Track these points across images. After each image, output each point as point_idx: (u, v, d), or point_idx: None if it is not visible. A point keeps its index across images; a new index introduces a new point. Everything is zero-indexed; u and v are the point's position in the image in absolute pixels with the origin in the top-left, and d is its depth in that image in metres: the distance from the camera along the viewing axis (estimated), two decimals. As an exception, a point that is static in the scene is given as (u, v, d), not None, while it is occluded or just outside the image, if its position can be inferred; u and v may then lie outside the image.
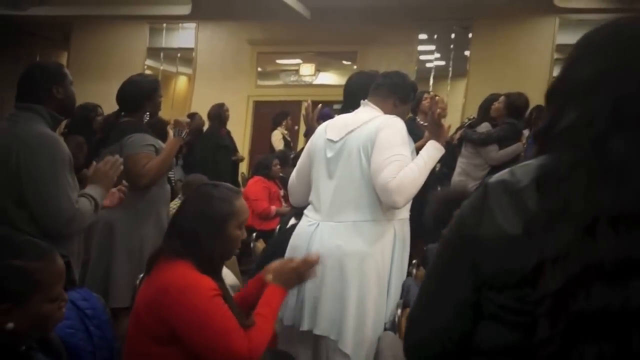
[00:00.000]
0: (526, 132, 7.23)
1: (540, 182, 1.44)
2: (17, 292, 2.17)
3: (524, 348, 1.38)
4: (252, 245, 6.21)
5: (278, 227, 6.05)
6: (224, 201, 3.10)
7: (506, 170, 1.53)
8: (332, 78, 13.96)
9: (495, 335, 1.48)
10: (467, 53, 12.46)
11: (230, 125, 10.08)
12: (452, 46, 13.03)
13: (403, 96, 3.80)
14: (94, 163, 3.94)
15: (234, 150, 9.76)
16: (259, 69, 13.38)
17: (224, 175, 8.69)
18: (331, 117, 4.22)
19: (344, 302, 3.48)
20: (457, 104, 11.73)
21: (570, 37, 11.41)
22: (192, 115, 10.83)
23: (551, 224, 1.38)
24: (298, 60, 13.43)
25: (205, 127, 9.71)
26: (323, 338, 3.52)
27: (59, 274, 2.32)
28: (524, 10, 11.12)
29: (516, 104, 6.81)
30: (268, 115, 11.61)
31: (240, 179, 10.02)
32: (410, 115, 7.25)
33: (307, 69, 13.33)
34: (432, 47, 13.50)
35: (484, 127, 6.93)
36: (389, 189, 3.35)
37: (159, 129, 5.41)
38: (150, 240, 4.34)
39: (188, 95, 13.39)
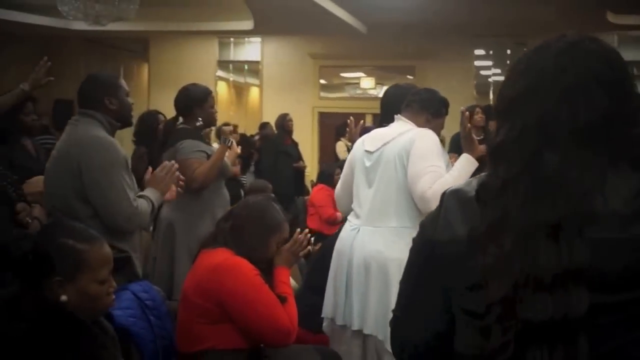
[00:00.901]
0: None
1: (479, 193, 1.45)
2: (67, 268, 2.28)
3: (486, 352, 1.38)
4: (310, 249, 6.26)
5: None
6: (275, 218, 3.25)
7: (467, 180, 1.57)
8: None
9: (463, 336, 1.49)
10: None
11: (297, 135, 10.14)
12: (508, 62, 12.92)
13: (434, 111, 3.77)
14: (150, 169, 4.00)
15: (298, 158, 9.78)
16: (323, 82, 13.40)
17: (286, 182, 8.80)
18: None
19: (389, 304, 3.42)
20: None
21: (630, 54, 11.25)
22: (264, 125, 11.00)
23: (491, 234, 1.38)
24: (360, 74, 13.43)
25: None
26: (372, 337, 3.54)
27: (105, 258, 2.41)
28: (577, 27, 10.98)
29: None
30: (333, 125, 11.65)
31: (310, 185, 10.05)
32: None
33: (367, 82, 13.35)
34: (489, 63, 13.40)
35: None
36: (426, 198, 3.35)
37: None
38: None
39: (259, 105, 13.51)
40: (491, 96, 13.01)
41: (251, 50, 13.87)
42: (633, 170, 1.35)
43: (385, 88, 13.39)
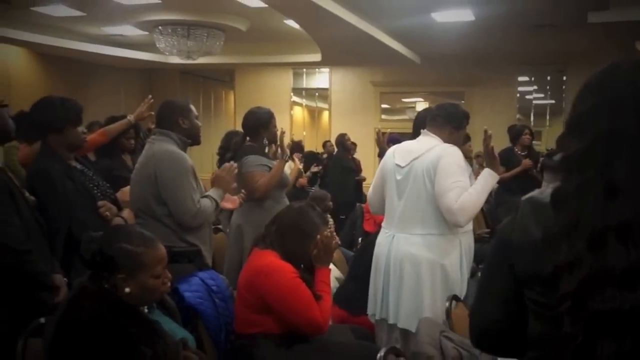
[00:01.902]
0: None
1: (554, 199, 1.42)
2: (128, 267, 2.33)
3: (556, 340, 1.35)
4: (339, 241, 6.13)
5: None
6: (312, 223, 3.23)
7: (539, 189, 1.53)
8: None
9: (536, 328, 1.46)
10: (563, 94, 12.17)
11: (361, 151, 10.19)
12: (547, 87, 12.81)
13: (457, 124, 3.67)
14: (215, 170, 4.08)
15: (358, 171, 9.78)
16: (384, 106, 13.34)
17: (348, 191, 8.82)
18: (399, 140, 4.19)
19: (420, 303, 3.48)
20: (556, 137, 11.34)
21: None
22: (326, 143, 11.13)
23: (565, 235, 1.35)
24: (418, 99, 13.36)
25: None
26: (405, 330, 3.53)
27: (159, 257, 2.44)
28: (610, 56, 10.76)
29: None
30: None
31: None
32: (510, 145, 7.31)
33: (422, 106, 13.05)
34: (531, 88, 13.18)
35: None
36: (453, 211, 3.32)
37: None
38: None
39: (328, 126, 13.52)
40: (532, 117, 12.81)
41: (321, 78, 13.91)
42: None
43: None
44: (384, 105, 13.37)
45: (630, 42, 9.81)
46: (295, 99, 14.15)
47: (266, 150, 4.84)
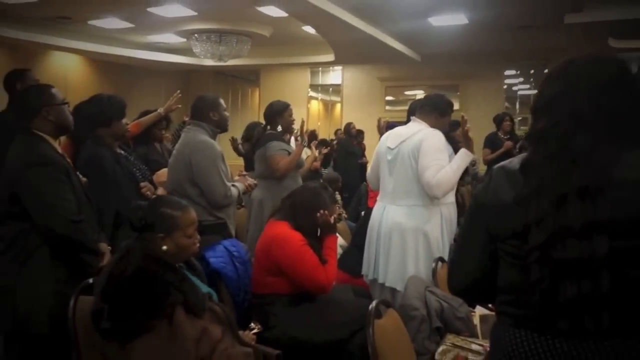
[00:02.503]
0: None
1: (523, 167, 1.45)
2: (165, 227, 2.40)
3: (526, 285, 1.38)
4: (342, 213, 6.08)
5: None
6: (322, 201, 3.24)
7: (508, 160, 1.56)
8: None
9: (506, 276, 1.48)
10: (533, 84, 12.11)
11: (368, 138, 10.04)
12: (531, 79, 12.70)
13: (442, 111, 3.67)
14: (242, 173, 4.23)
15: (362, 155, 9.79)
16: (388, 98, 13.25)
17: (353, 173, 8.83)
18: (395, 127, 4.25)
19: (405, 265, 3.50)
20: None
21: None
22: (337, 131, 11.13)
23: (533, 197, 1.39)
24: (419, 91, 13.29)
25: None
26: (392, 288, 3.55)
27: (191, 220, 2.50)
28: (585, 51, 10.63)
29: None
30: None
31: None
32: (495, 130, 7.36)
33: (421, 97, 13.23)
34: (516, 81, 13.08)
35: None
36: (431, 186, 3.36)
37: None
38: None
39: (340, 117, 13.44)
40: (517, 106, 12.73)
41: (334, 76, 13.84)
42: (636, 151, 1.37)
43: None
44: (388, 98, 13.26)
45: (604, 39, 9.73)
46: (312, 93, 14.10)
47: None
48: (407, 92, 13.66)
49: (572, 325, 1.33)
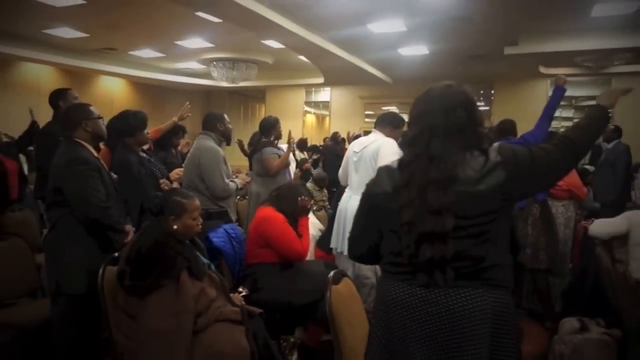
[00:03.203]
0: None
1: (399, 165, 1.57)
2: (176, 212, 2.44)
3: (400, 250, 1.50)
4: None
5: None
6: (300, 195, 3.28)
7: (392, 160, 1.64)
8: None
9: (387, 244, 1.58)
10: (491, 103, 12.03)
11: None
12: (481, 98, 12.59)
13: (395, 125, 3.72)
14: (243, 174, 4.17)
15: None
16: (368, 112, 13.10)
17: (336, 172, 8.67)
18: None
19: None
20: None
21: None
22: (325, 139, 11.01)
23: (405, 187, 1.50)
24: (392, 107, 13.30)
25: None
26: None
27: (196, 206, 2.52)
28: (521, 76, 10.62)
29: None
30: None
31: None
32: None
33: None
34: None
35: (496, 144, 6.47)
36: None
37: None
38: None
39: (329, 127, 13.31)
40: None
41: (324, 94, 13.73)
42: (481, 154, 1.48)
43: (404, 115, 13.22)
44: (367, 112, 13.16)
45: (535, 67, 9.77)
46: (307, 109, 14.01)
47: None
48: (383, 108, 13.43)
49: (428, 278, 1.44)
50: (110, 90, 11.45)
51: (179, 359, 2.11)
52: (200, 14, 6.47)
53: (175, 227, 2.42)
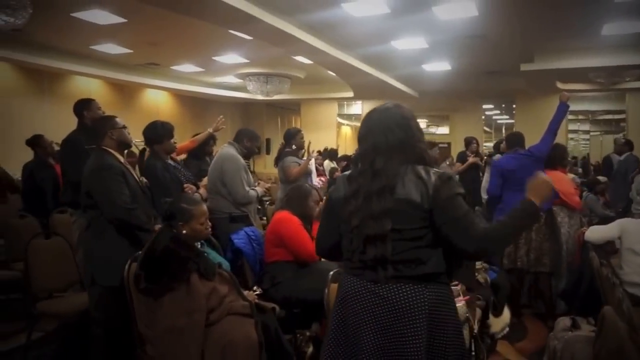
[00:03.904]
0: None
1: (348, 178, 1.66)
2: (184, 217, 2.48)
3: (351, 248, 1.60)
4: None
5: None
6: (309, 194, 3.32)
7: (349, 171, 1.71)
8: (436, 129, 13.79)
9: (344, 243, 1.65)
10: (512, 115, 11.91)
11: None
12: (503, 111, 12.60)
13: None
14: (263, 182, 4.15)
15: None
16: None
17: None
18: None
19: None
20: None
21: (577, 106, 10.94)
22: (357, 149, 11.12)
23: (353, 196, 1.60)
24: (421, 120, 13.32)
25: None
26: None
27: (203, 212, 2.55)
28: (539, 91, 10.44)
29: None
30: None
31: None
32: (464, 149, 7.16)
33: (422, 124, 13.21)
34: (492, 113, 13.02)
35: (497, 156, 6.30)
36: None
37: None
38: None
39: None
40: (493, 132, 12.70)
41: (356, 107, 13.77)
42: (423, 169, 1.53)
43: (430, 127, 13.16)
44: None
45: (552, 82, 9.64)
46: (341, 121, 14.08)
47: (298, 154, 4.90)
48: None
49: (373, 274, 1.53)
50: (156, 102, 11.75)
51: (192, 351, 2.21)
52: (233, 31, 6.66)
53: (184, 232, 2.47)
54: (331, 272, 2.38)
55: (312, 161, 5.19)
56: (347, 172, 1.72)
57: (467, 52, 7.97)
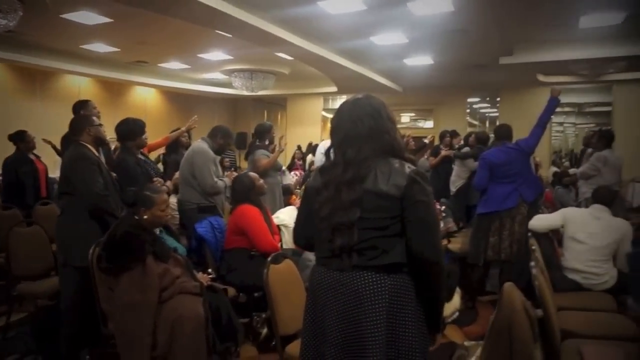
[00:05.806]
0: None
1: (321, 169, 1.68)
2: (147, 204, 2.67)
3: (322, 238, 1.61)
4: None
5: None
6: (257, 187, 3.45)
7: (325, 163, 1.70)
8: (424, 123, 13.74)
9: (316, 234, 1.66)
10: (497, 108, 12.00)
11: None
12: (488, 103, 12.66)
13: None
14: (232, 173, 4.29)
15: None
16: None
17: None
18: None
19: None
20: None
21: (564, 99, 10.78)
22: None
23: (325, 187, 1.61)
24: (403, 114, 13.22)
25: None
26: None
27: (164, 200, 2.75)
28: (522, 84, 10.59)
29: (482, 137, 6.39)
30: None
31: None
32: (439, 143, 7.30)
33: (406, 118, 13.19)
34: (478, 106, 13.09)
35: (466, 149, 6.65)
36: None
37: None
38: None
39: None
40: (477, 123, 12.70)
41: (340, 102, 13.61)
42: (397, 161, 1.56)
43: (418, 122, 13.16)
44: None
45: (533, 75, 9.72)
46: (325, 115, 14.05)
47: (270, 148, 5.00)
48: (401, 114, 13.74)
49: (339, 262, 1.56)
50: (144, 99, 11.87)
51: (146, 323, 2.43)
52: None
53: (145, 217, 2.66)
54: (271, 255, 2.57)
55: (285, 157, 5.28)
56: (322, 164, 1.72)
57: (448, 47, 8.04)
